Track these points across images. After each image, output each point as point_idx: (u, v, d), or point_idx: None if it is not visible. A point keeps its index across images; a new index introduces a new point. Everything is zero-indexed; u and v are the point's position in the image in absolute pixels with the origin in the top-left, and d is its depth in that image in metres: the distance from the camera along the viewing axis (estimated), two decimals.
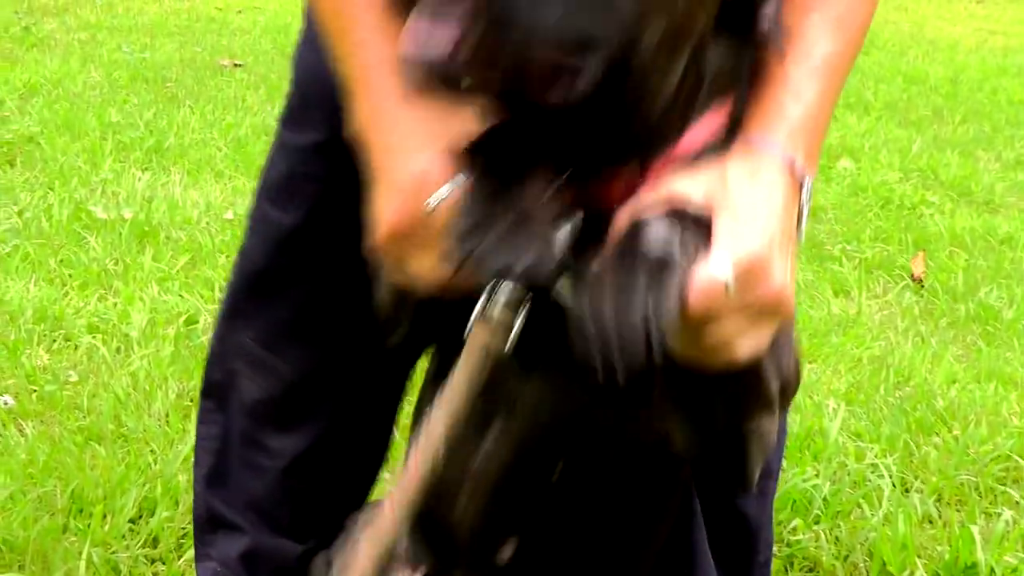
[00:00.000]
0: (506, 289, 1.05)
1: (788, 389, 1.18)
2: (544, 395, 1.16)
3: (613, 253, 1.01)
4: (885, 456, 2.31)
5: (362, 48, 1.21)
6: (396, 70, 1.16)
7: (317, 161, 1.46)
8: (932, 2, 8.91)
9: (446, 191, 1.09)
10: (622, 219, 1.04)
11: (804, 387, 2.60)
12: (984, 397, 2.60)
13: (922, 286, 3.34)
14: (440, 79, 0.99)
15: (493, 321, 1.05)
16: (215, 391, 1.63)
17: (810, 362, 2.77)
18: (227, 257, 3.04)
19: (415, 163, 1.12)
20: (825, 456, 2.27)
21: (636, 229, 1.02)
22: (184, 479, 2.03)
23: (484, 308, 1.06)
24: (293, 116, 1.52)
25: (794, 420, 2.36)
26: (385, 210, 1.14)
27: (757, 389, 1.13)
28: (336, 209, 1.21)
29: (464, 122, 1.11)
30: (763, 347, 1.07)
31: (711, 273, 1.00)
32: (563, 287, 1.04)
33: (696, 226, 1.03)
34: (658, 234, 1.00)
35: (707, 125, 1.13)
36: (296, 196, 1.51)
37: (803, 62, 1.15)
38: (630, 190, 1.09)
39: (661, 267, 0.98)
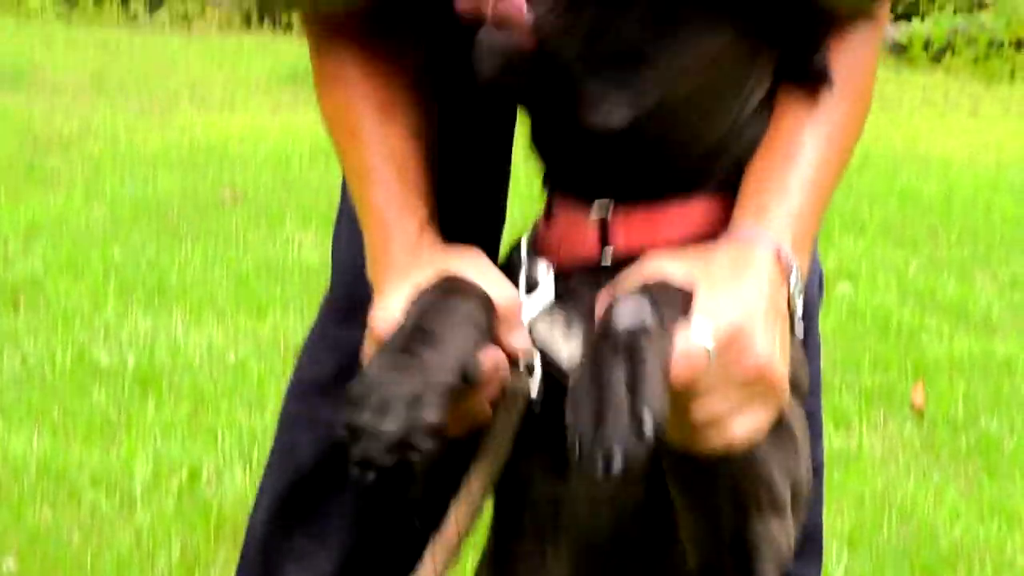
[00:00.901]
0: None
1: (799, 492, 1.19)
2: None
3: (592, 340, 1.03)
4: None
5: (369, 199, 1.26)
6: (400, 215, 1.21)
7: None
8: (925, 116, 9.05)
9: None
10: (602, 301, 1.07)
11: None
12: (988, 535, 2.61)
13: (922, 416, 3.36)
14: (511, 69, 1.08)
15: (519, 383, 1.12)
16: None
17: None
18: (229, 403, 3.07)
19: (386, 308, 1.14)
20: None
21: (611, 308, 1.03)
22: None
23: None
24: (341, 310, 1.54)
25: None
26: (364, 353, 1.16)
27: (764, 484, 1.13)
28: None
29: (434, 269, 1.15)
30: (760, 430, 1.08)
31: (691, 340, 1.02)
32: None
33: (675, 299, 1.05)
34: (629, 309, 1.01)
35: (711, 208, 1.19)
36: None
37: (795, 170, 1.18)
38: (640, 235, 1.16)
39: (635, 339, 0.99)
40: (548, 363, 1.14)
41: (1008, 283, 4.76)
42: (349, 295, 1.51)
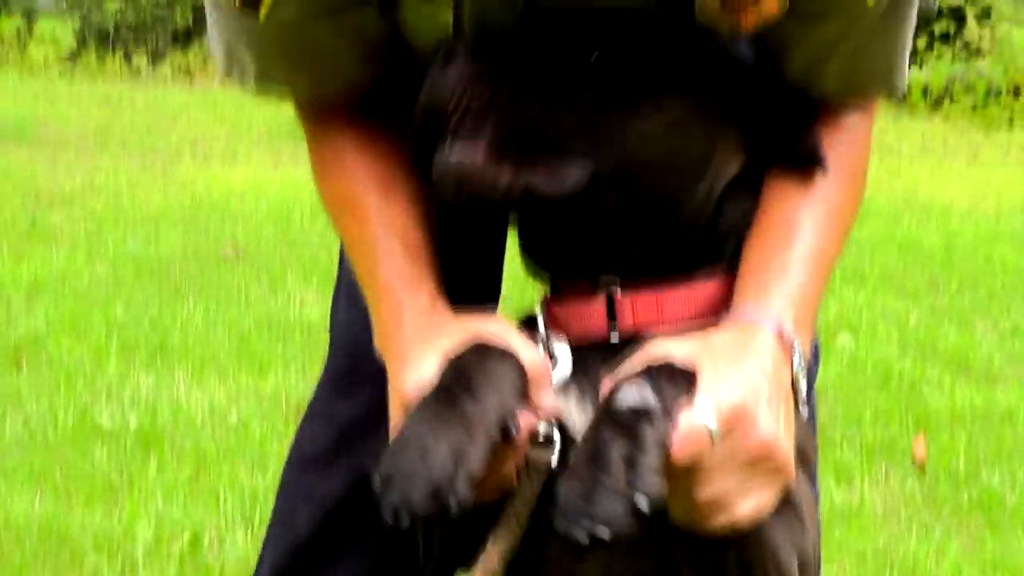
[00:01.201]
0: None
1: (807, 564, 1.19)
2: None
3: (594, 419, 1.05)
4: None
5: (376, 276, 1.28)
6: (409, 287, 1.23)
7: (369, 429, 1.45)
8: (925, 165, 9.11)
9: None
10: (606, 383, 1.08)
11: None
12: None
13: (924, 471, 3.37)
14: (472, 188, 1.12)
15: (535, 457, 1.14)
16: None
17: None
18: (231, 464, 3.08)
19: (415, 374, 1.16)
20: None
21: (614, 390, 1.05)
22: None
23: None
24: (340, 383, 1.56)
25: None
26: (392, 419, 1.19)
27: (772, 561, 1.14)
28: None
29: (460, 334, 1.17)
30: (765, 508, 1.09)
31: (693, 419, 1.03)
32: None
33: (678, 380, 1.07)
34: (631, 392, 1.03)
35: (715, 287, 1.21)
36: (344, 467, 1.55)
37: (793, 249, 1.20)
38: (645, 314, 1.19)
39: (635, 419, 1.00)
40: (564, 436, 1.15)
41: (1009, 332, 4.77)
42: (348, 369, 1.54)
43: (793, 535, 1.16)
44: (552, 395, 1.16)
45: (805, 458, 1.19)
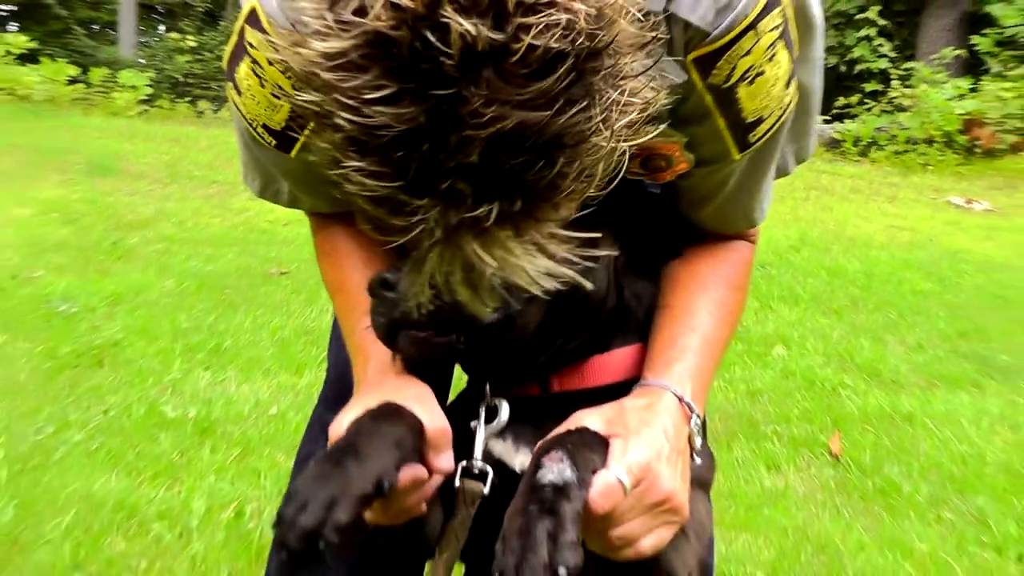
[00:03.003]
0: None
1: (697, 568, 1.24)
2: None
3: (520, 491, 1.07)
4: None
5: (353, 335, 1.35)
6: (375, 346, 1.29)
7: None
8: (852, 203, 9.15)
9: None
10: (535, 452, 1.11)
11: (737, 557, 2.68)
12: (885, 565, 2.66)
13: (838, 462, 3.43)
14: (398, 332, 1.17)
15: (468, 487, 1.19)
16: None
17: (744, 532, 2.84)
18: (271, 449, 3.14)
19: (340, 423, 1.20)
20: None
21: (537, 468, 1.08)
22: None
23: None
24: (331, 398, 1.63)
25: None
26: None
27: (668, 573, 1.20)
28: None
29: (385, 395, 1.21)
30: (664, 542, 1.14)
31: (609, 477, 1.08)
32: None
33: (594, 445, 1.11)
34: (552, 469, 1.06)
35: (624, 356, 1.27)
36: None
37: (690, 332, 1.27)
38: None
39: (556, 496, 1.03)
40: (504, 469, 1.21)
41: (915, 346, 4.82)
42: (338, 387, 1.62)
43: (684, 554, 1.21)
44: (448, 455, 1.21)
45: (705, 483, 1.25)
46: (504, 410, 1.26)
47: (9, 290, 4.63)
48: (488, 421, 1.26)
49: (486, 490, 1.21)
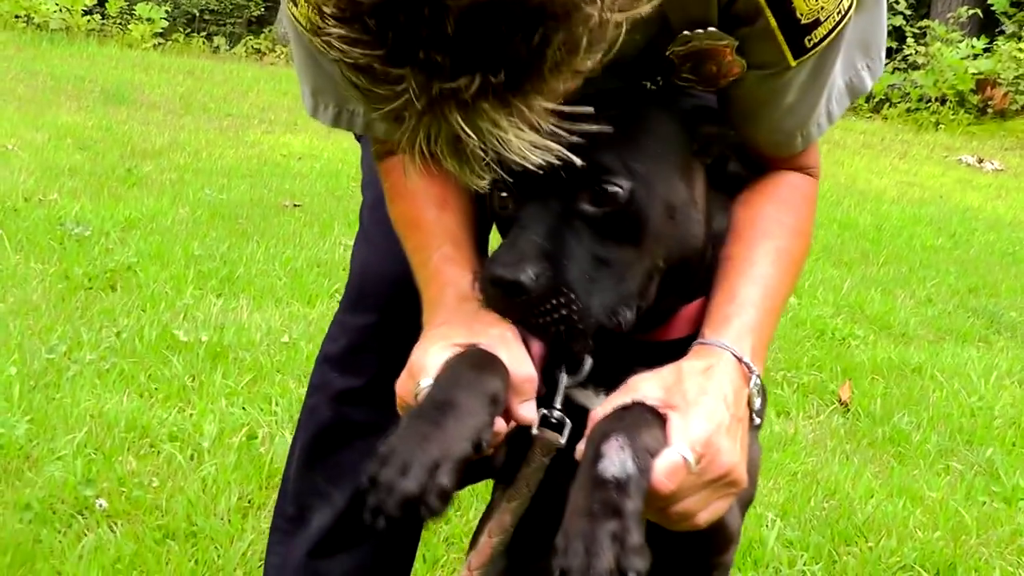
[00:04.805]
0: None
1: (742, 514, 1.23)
2: None
3: (581, 484, 1.01)
4: (813, 563, 2.34)
5: (429, 264, 1.28)
6: (454, 272, 1.24)
7: (372, 338, 1.55)
8: (863, 157, 9.05)
9: (423, 385, 1.11)
10: (590, 435, 1.06)
11: None
12: (895, 511, 2.63)
13: (848, 410, 3.39)
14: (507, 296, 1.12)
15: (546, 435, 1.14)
16: (285, 524, 1.67)
17: None
18: (282, 376, 3.10)
19: (425, 355, 1.15)
20: (764, 562, 2.31)
21: (596, 456, 1.02)
22: (240, 574, 2.08)
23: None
24: (352, 300, 1.59)
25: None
26: (400, 380, 1.19)
27: (724, 533, 1.19)
28: (390, 375, 1.24)
29: (468, 335, 1.15)
30: (720, 513, 1.10)
31: (673, 456, 1.03)
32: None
33: (652, 423, 1.06)
34: (613, 461, 1.01)
35: (699, 308, 1.22)
36: (355, 365, 1.58)
37: (750, 284, 1.21)
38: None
39: (620, 496, 0.98)
40: (582, 415, 1.14)
41: (924, 300, 4.77)
42: (358, 292, 1.58)
43: (734, 508, 1.17)
44: (531, 405, 1.15)
45: (755, 426, 1.20)
46: (588, 361, 1.20)
47: (23, 211, 4.57)
48: (571, 372, 1.19)
49: (563, 441, 1.14)
